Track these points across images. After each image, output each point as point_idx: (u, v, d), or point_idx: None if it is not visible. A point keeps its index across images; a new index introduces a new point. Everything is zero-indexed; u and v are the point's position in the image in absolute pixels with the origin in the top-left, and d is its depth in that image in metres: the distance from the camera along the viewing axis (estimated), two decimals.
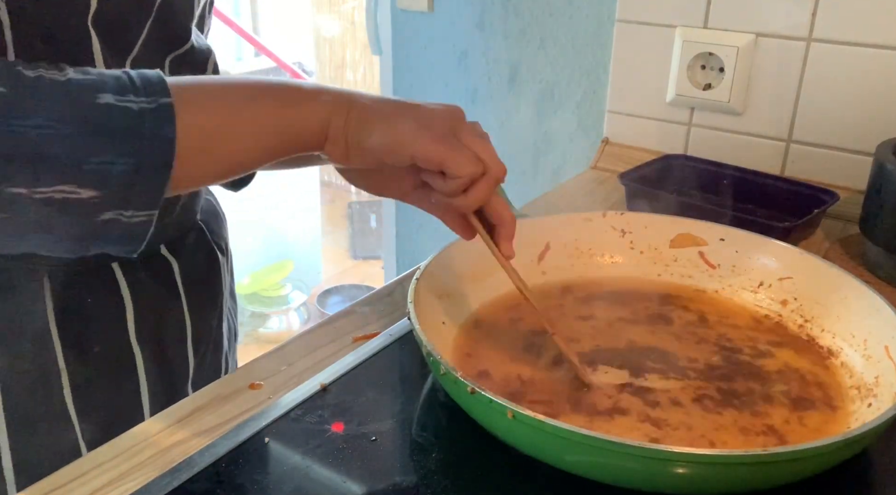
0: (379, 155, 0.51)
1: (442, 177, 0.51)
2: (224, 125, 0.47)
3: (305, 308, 2.78)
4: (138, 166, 0.42)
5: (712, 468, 0.42)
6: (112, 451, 0.51)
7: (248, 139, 0.48)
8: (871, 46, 0.89)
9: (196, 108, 0.46)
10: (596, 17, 1.14)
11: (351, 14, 3.40)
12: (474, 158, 0.50)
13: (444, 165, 0.50)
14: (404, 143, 0.50)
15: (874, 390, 0.53)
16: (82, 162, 0.41)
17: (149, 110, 0.43)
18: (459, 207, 0.53)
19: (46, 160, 0.41)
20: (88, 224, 0.43)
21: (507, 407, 0.44)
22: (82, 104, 0.42)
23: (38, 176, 0.41)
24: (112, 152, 0.42)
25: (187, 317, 0.70)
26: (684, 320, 0.64)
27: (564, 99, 1.23)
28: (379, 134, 0.50)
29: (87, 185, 0.42)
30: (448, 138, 0.50)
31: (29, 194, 0.41)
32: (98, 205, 0.42)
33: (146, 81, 0.44)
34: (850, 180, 0.93)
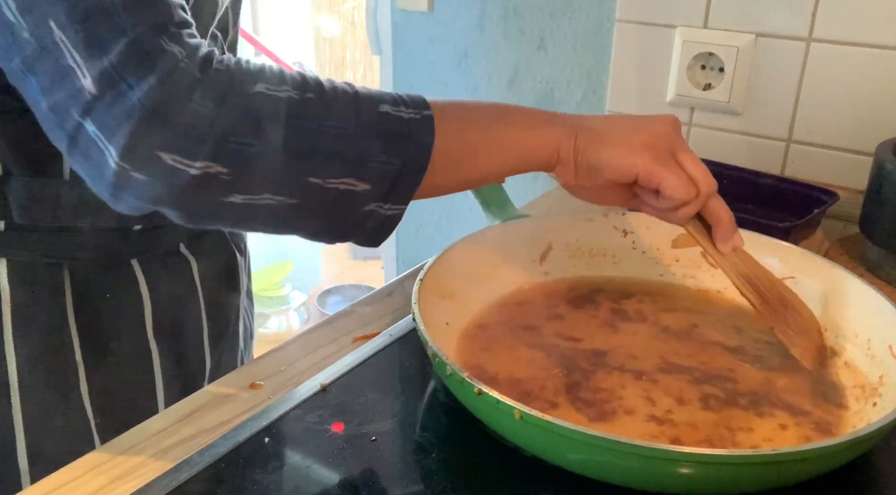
0: (604, 175, 0.55)
1: (656, 195, 0.56)
2: (475, 142, 0.53)
3: (305, 308, 2.78)
4: (402, 167, 0.49)
5: (718, 468, 0.42)
6: (113, 451, 0.51)
7: (493, 156, 0.54)
8: (871, 46, 0.89)
9: (453, 124, 0.52)
10: (596, 17, 1.14)
11: (351, 14, 3.40)
12: (688, 182, 0.55)
13: (660, 187, 0.55)
14: (627, 164, 0.54)
15: (878, 389, 0.53)
16: (366, 159, 0.48)
17: (415, 120, 0.50)
18: (673, 221, 0.59)
19: (340, 156, 0.47)
20: (355, 213, 0.49)
21: (514, 408, 0.44)
22: (367, 112, 0.49)
23: (333, 169, 0.47)
24: (386, 153, 0.48)
25: (204, 315, 0.70)
26: (687, 321, 0.64)
27: (564, 99, 1.22)
28: (605, 157, 0.55)
29: (364, 180, 0.48)
30: (666, 160, 0.55)
31: (322, 184, 0.47)
32: (367, 197, 0.49)
33: (412, 98, 0.51)
34: (850, 180, 0.93)
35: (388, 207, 0.50)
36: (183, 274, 0.68)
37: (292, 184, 0.47)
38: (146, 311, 0.65)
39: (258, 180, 0.46)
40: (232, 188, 0.45)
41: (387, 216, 0.51)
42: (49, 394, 0.61)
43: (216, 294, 0.72)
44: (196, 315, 0.70)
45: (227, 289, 0.74)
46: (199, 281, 0.69)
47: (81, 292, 0.61)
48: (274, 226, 0.50)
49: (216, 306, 0.72)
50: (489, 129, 0.54)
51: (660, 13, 1.02)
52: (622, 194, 0.60)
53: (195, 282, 0.69)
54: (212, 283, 0.71)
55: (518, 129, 0.55)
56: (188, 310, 0.69)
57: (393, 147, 0.49)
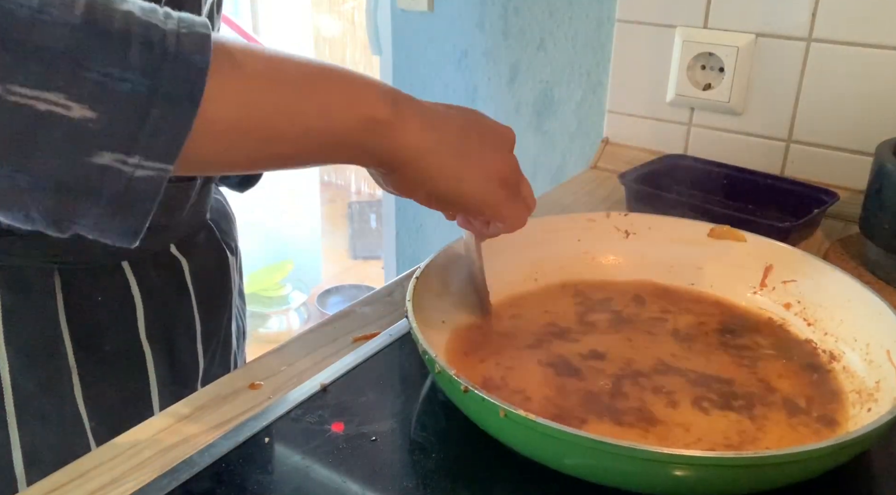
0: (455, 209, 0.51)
1: (486, 223, 0.54)
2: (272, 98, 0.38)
3: (305, 308, 2.78)
4: (154, 90, 0.32)
5: (708, 470, 0.42)
6: (112, 451, 0.51)
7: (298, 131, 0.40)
8: (871, 46, 0.89)
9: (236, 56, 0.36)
10: (596, 17, 1.14)
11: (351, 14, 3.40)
12: (527, 211, 0.53)
13: (503, 222, 0.52)
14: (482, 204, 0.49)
15: (875, 395, 0.53)
16: (79, 65, 0.31)
17: (179, 33, 0.34)
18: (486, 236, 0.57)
19: (30, 50, 0.30)
20: (77, 164, 0.32)
21: (499, 406, 0.44)
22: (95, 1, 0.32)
23: (16, 68, 0.30)
24: (120, 64, 0.32)
25: (197, 316, 0.70)
26: (686, 321, 0.64)
27: (564, 99, 1.22)
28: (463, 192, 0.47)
29: (82, 99, 0.31)
30: (517, 197, 0.52)
31: (2, 94, 0.30)
32: (93, 136, 0.32)
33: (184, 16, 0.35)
34: (850, 180, 0.93)
35: (136, 163, 0.33)
36: (174, 275, 0.67)
37: None
38: (138, 313, 0.64)
39: None
40: None
41: (136, 178, 0.33)
42: (43, 399, 0.60)
43: (208, 294, 0.71)
44: (188, 316, 0.69)
45: (219, 289, 0.74)
46: (191, 281, 0.69)
47: (73, 296, 0.60)
48: None
49: (208, 307, 0.71)
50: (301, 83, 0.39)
51: (660, 13, 1.02)
52: None
53: (187, 282, 0.69)
54: (203, 284, 0.70)
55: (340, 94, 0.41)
56: (180, 312, 0.69)
57: (135, 56, 0.32)
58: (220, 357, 0.75)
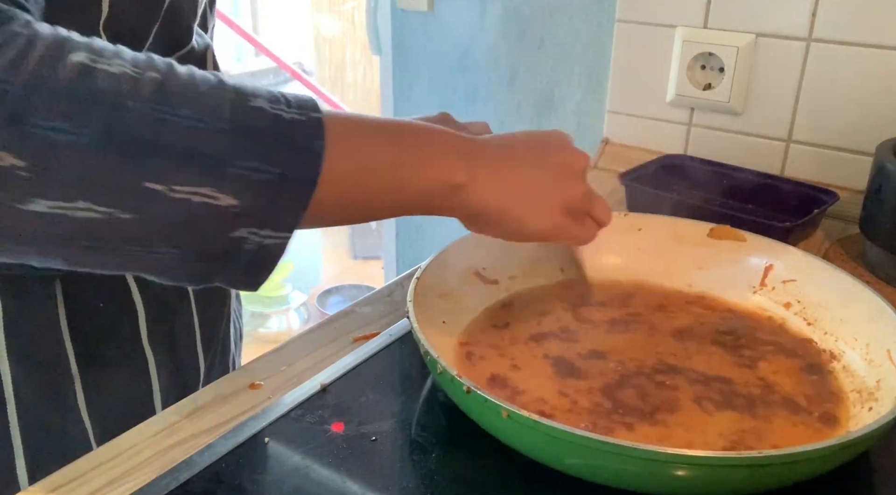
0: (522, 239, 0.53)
1: None
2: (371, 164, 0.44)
3: (305, 308, 2.78)
4: (283, 178, 0.39)
5: (709, 470, 0.42)
6: (112, 451, 0.51)
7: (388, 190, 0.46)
8: (871, 46, 0.89)
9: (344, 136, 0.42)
10: (596, 17, 1.14)
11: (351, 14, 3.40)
12: (595, 228, 0.55)
13: (573, 243, 0.56)
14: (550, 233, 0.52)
15: (875, 394, 0.53)
16: (227, 163, 0.37)
17: (300, 122, 0.40)
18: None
19: (190, 156, 0.37)
20: (220, 238, 0.39)
21: (501, 407, 0.44)
22: (235, 104, 0.38)
23: (180, 172, 0.36)
24: (259, 158, 0.38)
25: (196, 319, 0.70)
26: (686, 321, 0.64)
27: (564, 99, 1.22)
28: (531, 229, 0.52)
29: (227, 191, 0.37)
30: (585, 221, 0.55)
31: (166, 192, 0.36)
32: (235, 217, 0.38)
33: (297, 98, 0.41)
34: (850, 180, 0.93)
35: (266, 234, 0.39)
36: None
37: (121, 189, 0.36)
38: (140, 319, 0.64)
39: (69, 179, 0.35)
40: (32, 189, 0.34)
41: (265, 246, 0.40)
42: (46, 407, 0.60)
43: (206, 298, 0.71)
44: (188, 320, 0.69)
45: (218, 292, 0.73)
46: None
47: (74, 303, 0.60)
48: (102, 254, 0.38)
49: (207, 310, 0.71)
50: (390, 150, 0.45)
51: (660, 13, 1.02)
52: None
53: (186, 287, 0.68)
54: (202, 288, 0.70)
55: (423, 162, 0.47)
56: (180, 316, 0.68)
57: (269, 151, 0.38)
58: (219, 361, 0.75)
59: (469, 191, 0.48)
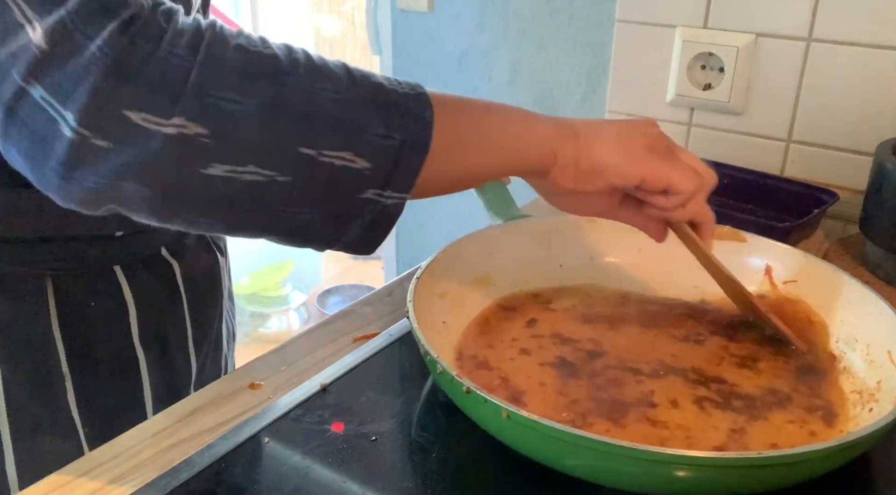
0: (608, 179, 0.53)
1: (663, 195, 0.54)
2: (471, 130, 0.50)
3: (305, 308, 2.78)
4: (403, 143, 0.44)
5: (709, 471, 0.42)
6: (112, 451, 0.51)
7: (490, 148, 0.51)
8: (871, 46, 0.89)
9: (449, 109, 0.48)
10: (596, 17, 1.14)
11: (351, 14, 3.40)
12: (694, 175, 0.54)
13: (670, 185, 0.53)
14: (634, 167, 0.53)
15: (875, 395, 0.53)
16: (363, 130, 0.43)
17: (412, 95, 0.46)
18: (678, 219, 0.57)
19: (335, 123, 0.42)
20: (353, 199, 0.44)
21: (501, 407, 0.44)
22: (361, 81, 0.44)
23: (328, 138, 0.42)
24: (385, 125, 0.44)
25: (188, 318, 0.69)
26: (687, 322, 0.64)
27: (564, 99, 1.22)
28: (611, 161, 0.53)
29: (363, 154, 0.43)
30: (670, 158, 0.54)
31: (316, 156, 0.42)
32: (366, 179, 0.44)
33: (402, 80, 0.47)
34: (850, 180, 0.93)
35: (388, 195, 0.45)
36: (166, 278, 0.67)
37: (283, 154, 0.41)
38: (131, 318, 0.64)
39: (243, 145, 0.40)
40: (212, 155, 0.40)
41: (387, 206, 0.46)
42: (36, 406, 0.60)
43: (199, 297, 0.71)
44: (180, 319, 0.69)
45: (210, 291, 0.73)
46: (182, 284, 0.68)
47: (65, 302, 0.60)
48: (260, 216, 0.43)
49: (199, 309, 0.71)
50: (485, 119, 0.51)
51: (660, 13, 1.02)
52: (608, 201, 0.58)
53: (178, 285, 0.68)
54: (194, 287, 0.70)
55: (514, 123, 0.52)
56: (172, 315, 0.68)
57: (392, 119, 0.44)
58: (211, 360, 0.74)
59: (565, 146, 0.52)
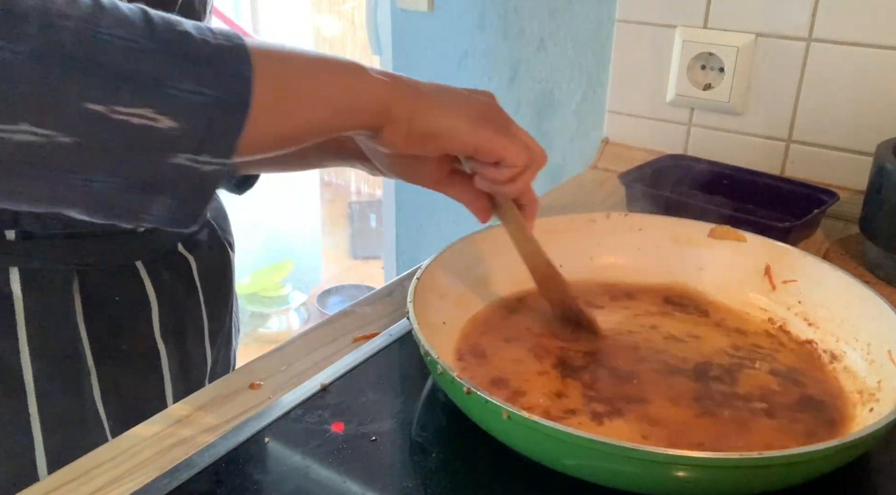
0: (441, 144, 0.51)
1: (494, 167, 0.53)
2: (297, 85, 0.45)
3: (305, 308, 2.78)
4: (217, 100, 0.39)
5: (709, 471, 0.42)
6: (112, 451, 0.51)
7: (319, 103, 0.46)
8: (871, 46, 0.89)
9: (270, 61, 0.43)
10: (596, 17, 1.14)
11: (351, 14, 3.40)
12: (527, 149, 0.53)
13: (503, 156, 0.52)
14: (470, 134, 0.51)
15: (876, 395, 0.53)
16: (164, 83, 0.38)
17: (226, 47, 0.41)
18: (507, 193, 0.56)
19: (129, 75, 0.37)
20: (160, 165, 0.39)
21: (502, 408, 0.44)
22: (164, 28, 0.39)
23: (119, 91, 0.37)
24: (193, 80, 0.39)
25: (204, 312, 0.71)
26: (686, 321, 0.64)
27: (564, 99, 1.22)
28: (446, 125, 0.50)
29: (167, 112, 0.38)
30: (506, 130, 0.53)
31: (107, 113, 0.36)
32: (174, 141, 0.39)
33: (219, 29, 0.42)
34: (850, 180, 0.93)
35: (205, 160, 0.40)
36: (183, 272, 0.69)
37: (63, 110, 0.36)
38: (153, 312, 0.65)
39: (10, 98, 0.34)
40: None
41: (204, 173, 0.40)
42: (65, 401, 0.61)
43: (213, 291, 0.72)
44: (197, 313, 0.70)
45: (223, 286, 0.75)
46: (199, 279, 0.70)
47: (91, 297, 0.61)
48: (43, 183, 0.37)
49: (214, 303, 0.73)
50: (314, 71, 0.46)
51: (660, 13, 1.02)
52: (437, 170, 0.56)
53: (195, 280, 0.70)
54: (209, 281, 0.71)
55: (346, 75, 0.47)
56: (190, 309, 0.70)
57: (201, 73, 0.39)
58: (223, 354, 0.76)
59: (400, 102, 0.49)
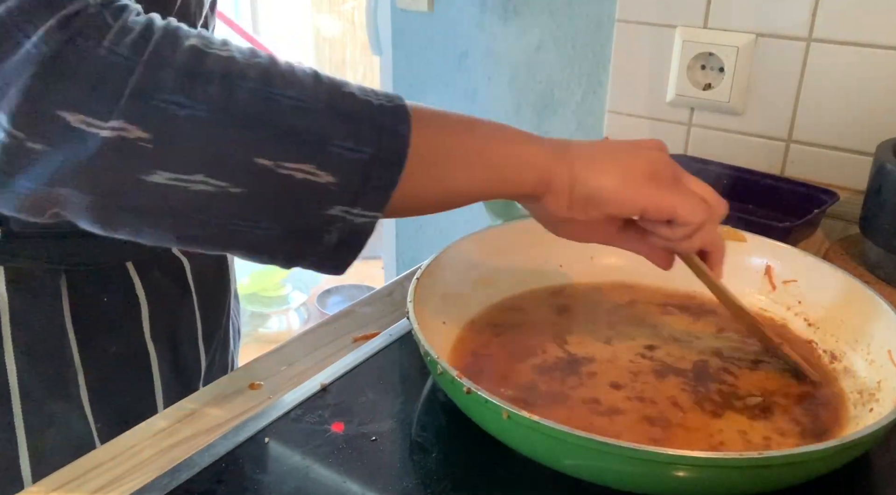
0: (605, 208, 0.49)
1: (668, 225, 0.51)
2: (454, 146, 0.46)
3: (305, 308, 2.78)
4: (375, 157, 0.41)
5: (710, 471, 0.42)
6: (112, 451, 0.51)
7: (475, 167, 0.47)
8: (871, 46, 0.89)
9: (430, 122, 0.45)
10: (596, 17, 1.14)
11: (351, 14, 3.40)
12: (703, 204, 0.50)
13: (675, 216, 0.49)
14: (634, 195, 0.49)
15: (876, 395, 0.53)
16: (328, 142, 0.40)
17: (387, 107, 0.43)
18: (684, 250, 0.53)
19: (296, 134, 0.39)
20: (317, 215, 0.41)
21: (501, 408, 0.44)
22: (331, 89, 0.41)
23: (286, 148, 0.39)
24: (354, 138, 0.41)
25: (198, 315, 0.70)
26: (686, 322, 0.64)
27: (564, 99, 1.22)
28: (608, 188, 0.49)
29: (327, 168, 0.40)
30: (676, 186, 0.50)
31: (274, 168, 0.39)
32: (331, 195, 0.41)
33: (382, 92, 0.44)
34: (850, 180, 0.93)
35: (357, 213, 0.42)
36: (176, 275, 0.68)
37: (235, 163, 0.38)
38: (143, 314, 0.64)
39: (190, 152, 0.38)
40: (155, 161, 0.37)
41: (356, 225, 0.42)
42: (50, 401, 0.61)
43: (208, 294, 0.72)
44: (190, 315, 0.70)
45: (219, 288, 0.74)
46: (192, 281, 0.69)
47: (78, 297, 0.61)
48: (211, 229, 0.40)
49: (208, 306, 0.72)
50: (470, 137, 0.47)
51: (660, 13, 1.02)
52: (608, 229, 0.54)
53: (188, 282, 0.69)
54: (204, 283, 0.71)
55: (503, 142, 0.48)
56: (183, 311, 0.69)
57: (362, 131, 0.41)
58: (219, 357, 0.75)
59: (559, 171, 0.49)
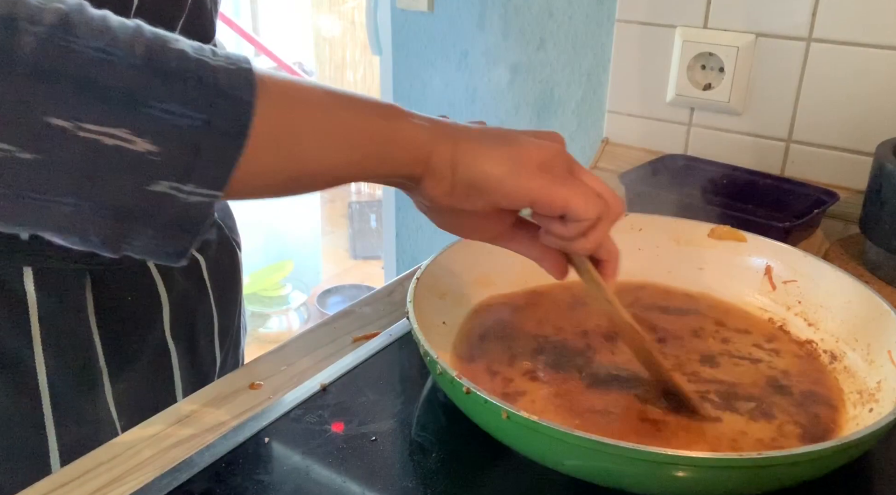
0: (490, 198, 0.45)
1: (560, 221, 0.47)
2: (311, 121, 0.40)
3: (305, 308, 2.78)
4: (209, 124, 0.35)
5: (710, 472, 0.42)
6: (112, 451, 0.51)
7: (330, 142, 0.41)
8: (871, 46, 0.89)
9: (278, 90, 0.38)
10: (596, 17, 1.14)
11: (351, 14, 3.40)
12: (597, 199, 0.46)
13: (568, 209, 0.45)
14: (522, 184, 0.44)
15: (876, 395, 0.53)
16: (142, 102, 0.34)
17: (227, 69, 0.36)
18: (577, 250, 0.49)
19: (98, 89, 0.33)
20: (137, 193, 0.35)
21: (501, 408, 0.44)
22: (153, 43, 0.35)
23: (88, 107, 0.33)
24: (179, 101, 0.34)
25: (214, 312, 0.72)
26: (686, 322, 0.64)
27: (564, 99, 1.22)
28: (494, 176, 0.44)
29: (145, 134, 0.34)
30: (569, 179, 0.46)
31: (73, 130, 0.33)
32: (153, 166, 0.34)
33: (227, 51, 0.38)
34: (850, 180, 0.93)
35: (190, 190, 0.36)
36: (194, 273, 0.69)
37: (23, 123, 0.32)
38: (164, 312, 0.65)
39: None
40: None
41: (189, 204, 0.36)
42: (78, 401, 0.61)
43: (222, 291, 0.73)
44: (207, 313, 0.71)
45: (232, 285, 0.75)
46: (209, 279, 0.70)
47: (102, 297, 0.61)
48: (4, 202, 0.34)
49: (223, 303, 0.73)
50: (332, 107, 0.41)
51: (660, 13, 1.02)
52: (497, 225, 0.49)
53: (205, 280, 0.70)
54: (218, 281, 0.72)
55: (372, 116, 0.42)
56: (200, 309, 0.70)
57: (191, 93, 0.35)
58: (231, 354, 0.76)
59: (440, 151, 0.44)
